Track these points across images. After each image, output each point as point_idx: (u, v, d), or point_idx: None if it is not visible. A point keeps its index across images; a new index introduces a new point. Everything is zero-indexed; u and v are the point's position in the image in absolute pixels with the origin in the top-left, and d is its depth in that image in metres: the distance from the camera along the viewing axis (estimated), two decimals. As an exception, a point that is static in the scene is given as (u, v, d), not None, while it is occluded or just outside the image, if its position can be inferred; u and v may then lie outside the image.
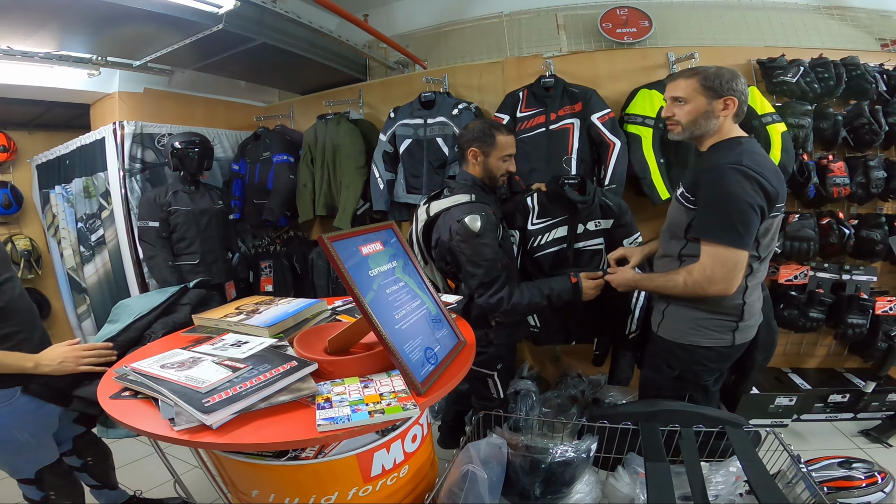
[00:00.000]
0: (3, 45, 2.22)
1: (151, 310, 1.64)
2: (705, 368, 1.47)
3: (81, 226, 2.88)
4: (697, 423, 1.31)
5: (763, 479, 1.10)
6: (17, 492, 1.63)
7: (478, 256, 1.59)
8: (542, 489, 1.27)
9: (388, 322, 0.96)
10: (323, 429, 0.86)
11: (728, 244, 1.27)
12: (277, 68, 2.83)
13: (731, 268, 1.28)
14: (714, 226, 1.29)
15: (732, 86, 1.30)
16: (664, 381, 1.53)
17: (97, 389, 1.14)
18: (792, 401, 2.29)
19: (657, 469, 1.20)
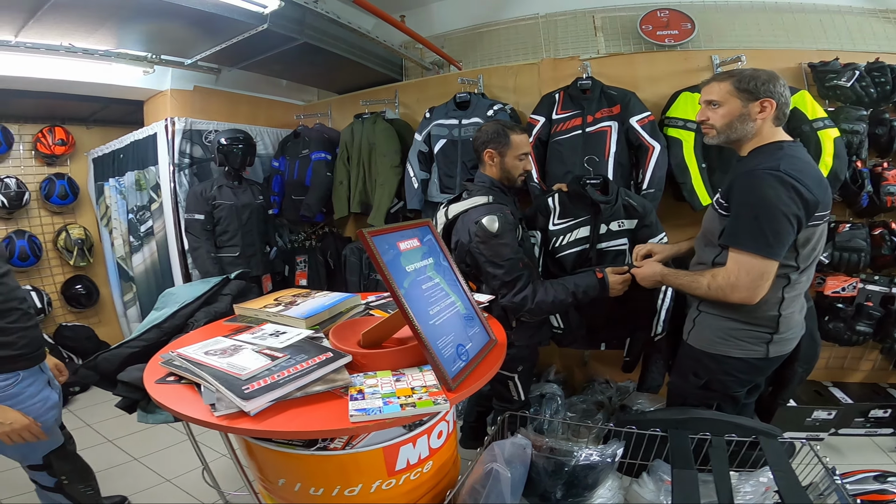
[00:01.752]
0: (66, 43, 2.36)
1: (195, 299, 1.73)
2: (734, 379, 1.43)
3: (132, 217, 3.04)
4: (730, 432, 1.28)
5: (795, 489, 1.07)
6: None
7: (497, 257, 1.60)
8: (564, 492, 1.26)
9: (422, 317, 0.98)
10: (355, 419, 0.88)
11: (755, 252, 1.22)
12: (317, 68, 2.91)
13: (757, 277, 1.23)
14: (743, 233, 1.25)
15: (769, 87, 1.26)
16: (690, 390, 1.51)
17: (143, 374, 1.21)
18: (831, 414, 2.22)
19: (685, 476, 1.17)
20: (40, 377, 1.49)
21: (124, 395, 1.57)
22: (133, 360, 1.58)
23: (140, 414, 1.65)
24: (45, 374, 1.53)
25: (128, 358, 1.58)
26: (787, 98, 1.29)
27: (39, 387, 1.47)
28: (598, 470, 1.26)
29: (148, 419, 1.68)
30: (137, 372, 1.48)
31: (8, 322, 1.41)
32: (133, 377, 1.51)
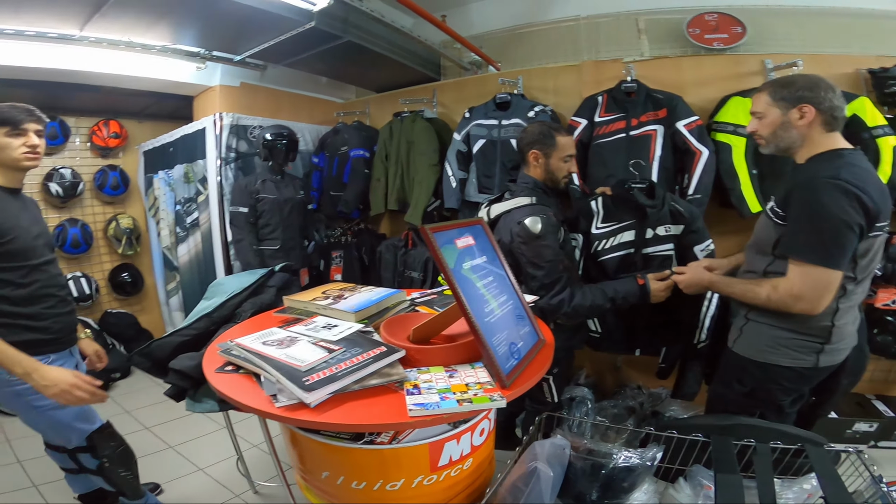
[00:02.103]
0: (126, 38, 2.47)
1: (243, 290, 1.78)
2: (780, 388, 1.41)
3: (179, 208, 3.16)
4: (776, 439, 1.27)
5: (842, 496, 1.07)
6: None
7: (538, 258, 1.61)
8: (600, 494, 1.25)
9: (478, 314, 0.99)
10: (414, 414, 0.90)
11: (819, 263, 1.21)
12: (358, 66, 2.97)
13: (822, 288, 1.23)
14: (804, 244, 1.24)
15: (806, 94, 1.25)
16: (733, 397, 1.49)
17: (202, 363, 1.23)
18: (872, 427, 2.19)
19: (728, 481, 1.17)
20: (69, 360, 1.56)
21: (175, 382, 1.58)
22: (184, 349, 1.62)
23: (188, 402, 1.65)
24: (74, 358, 1.60)
25: (179, 346, 1.62)
26: (833, 103, 1.26)
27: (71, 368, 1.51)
28: (636, 473, 1.25)
29: (195, 408, 1.66)
30: (188, 360, 1.53)
31: (44, 307, 1.49)
32: (184, 365, 1.53)
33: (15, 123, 1.42)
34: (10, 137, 1.42)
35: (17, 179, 1.51)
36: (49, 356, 1.47)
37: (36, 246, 1.48)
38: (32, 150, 1.45)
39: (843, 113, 1.29)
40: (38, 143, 1.48)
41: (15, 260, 1.41)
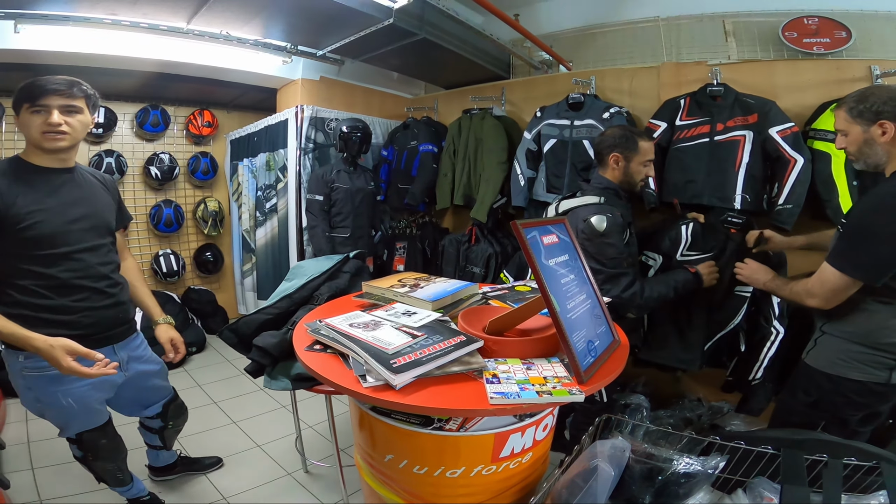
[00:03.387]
0: (224, 31, 2.66)
1: (321, 273, 1.89)
2: (847, 402, 1.39)
3: (260, 194, 3.39)
4: (850, 455, 1.24)
5: None
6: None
7: (601, 255, 1.66)
8: (653, 499, 1.24)
9: (562, 309, 1.02)
10: (495, 402, 0.94)
11: (838, 268, 1.27)
12: (430, 62, 3.04)
13: (831, 290, 1.30)
14: (838, 248, 1.28)
15: (885, 108, 1.21)
16: (797, 407, 1.48)
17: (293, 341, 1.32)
18: None
19: (796, 493, 1.16)
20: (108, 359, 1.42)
21: (256, 359, 1.66)
22: (266, 327, 1.72)
23: (265, 379, 1.71)
24: (116, 357, 1.49)
25: (262, 324, 1.72)
26: None
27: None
28: (694, 481, 1.23)
29: (271, 385, 1.72)
30: (270, 338, 1.62)
31: (74, 300, 1.36)
32: (266, 343, 1.62)
33: (33, 99, 1.25)
34: (31, 114, 1.27)
35: (61, 160, 1.36)
36: None
37: (70, 231, 1.34)
38: (52, 128, 1.27)
39: None
40: (58, 121, 1.28)
41: (38, 247, 1.28)
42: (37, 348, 1.23)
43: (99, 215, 1.45)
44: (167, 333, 1.65)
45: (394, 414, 1.19)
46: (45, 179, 1.33)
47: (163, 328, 1.65)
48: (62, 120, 1.29)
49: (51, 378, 1.37)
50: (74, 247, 1.35)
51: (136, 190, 3.61)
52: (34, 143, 1.31)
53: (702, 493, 1.27)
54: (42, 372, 1.36)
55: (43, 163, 1.34)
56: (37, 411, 1.49)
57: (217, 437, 2.40)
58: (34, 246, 1.29)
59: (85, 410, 1.49)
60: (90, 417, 1.52)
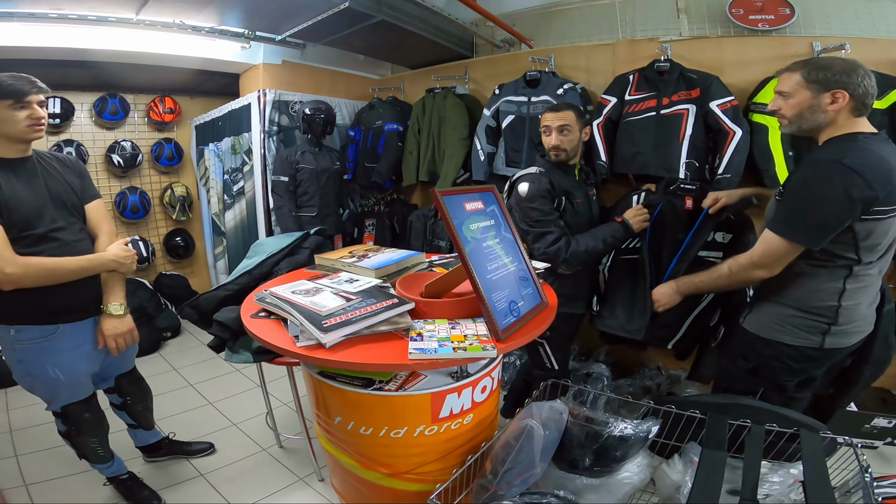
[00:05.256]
0: (178, 20, 2.65)
1: (280, 250, 1.93)
2: (784, 367, 1.41)
3: (227, 178, 3.40)
4: (772, 421, 1.28)
5: (820, 482, 1.07)
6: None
7: (527, 218, 1.77)
8: (592, 461, 1.29)
9: (480, 270, 1.09)
10: (413, 357, 1.02)
11: (782, 235, 1.27)
12: (392, 43, 3.05)
13: (777, 256, 1.29)
14: (781, 217, 1.28)
15: (842, 78, 1.22)
16: (737, 373, 1.51)
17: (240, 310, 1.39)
18: (891, 423, 2.06)
19: (713, 457, 1.20)
20: (87, 332, 1.54)
21: (217, 333, 1.73)
22: (227, 303, 1.76)
23: (227, 353, 1.79)
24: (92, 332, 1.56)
25: (223, 300, 1.77)
26: (866, 89, 1.23)
27: (81, 341, 1.52)
28: (629, 444, 1.28)
29: (232, 358, 1.80)
30: (230, 313, 1.67)
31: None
32: (226, 317, 1.67)
33: (19, 96, 1.37)
34: (15, 110, 1.37)
35: (22, 150, 1.45)
36: (59, 326, 1.46)
37: (43, 213, 1.43)
38: (37, 122, 1.41)
39: (873, 101, 1.26)
40: (42, 115, 1.43)
41: (16, 229, 1.37)
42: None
43: (65, 195, 1.52)
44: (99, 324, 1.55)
45: (338, 377, 1.26)
46: (11, 169, 1.41)
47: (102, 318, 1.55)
48: (44, 114, 1.43)
49: (41, 349, 1.45)
50: (50, 226, 1.43)
51: (98, 178, 3.57)
52: (16, 136, 1.40)
53: (640, 458, 1.34)
54: (32, 343, 1.44)
55: (7, 154, 1.41)
56: (27, 385, 1.56)
57: (194, 417, 2.46)
58: (17, 229, 1.37)
59: (72, 383, 1.55)
60: (76, 390, 1.58)
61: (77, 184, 1.57)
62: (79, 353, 1.53)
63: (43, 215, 1.43)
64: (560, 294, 1.86)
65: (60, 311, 1.46)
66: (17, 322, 1.43)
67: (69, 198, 1.52)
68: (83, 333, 1.53)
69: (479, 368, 1.29)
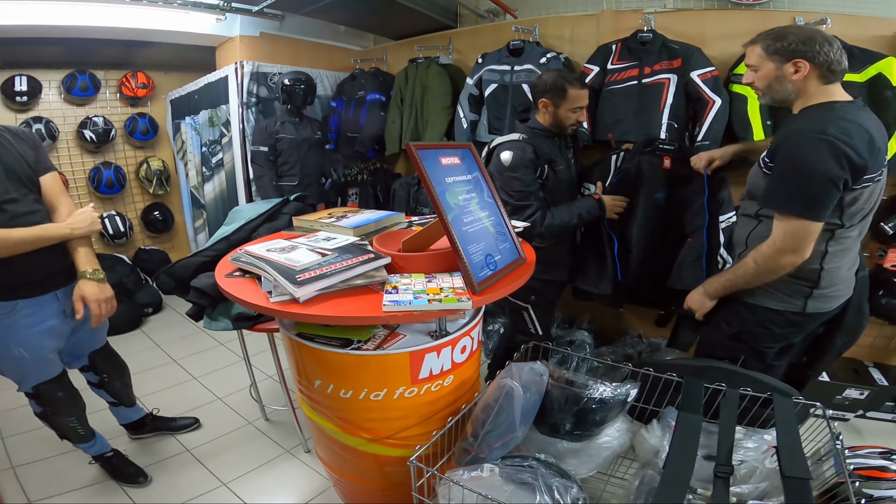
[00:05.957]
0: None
1: (259, 215, 1.90)
2: (767, 332, 1.42)
3: (205, 150, 3.33)
4: (746, 385, 1.28)
5: (792, 447, 1.07)
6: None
7: (508, 187, 1.76)
8: (573, 425, 1.29)
9: (456, 222, 1.08)
10: (387, 309, 1.01)
11: (800, 216, 1.23)
12: (373, 13, 3.01)
13: (802, 238, 1.25)
14: (787, 196, 1.25)
15: (801, 47, 1.23)
16: (720, 339, 1.51)
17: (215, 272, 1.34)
18: (863, 395, 2.12)
19: (688, 420, 1.20)
20: (49, 306, 1.48)
21: (195, 301, 1.69)
22: (204, 269, 1.72)
23: (205, 320, 1.76)
24: (59, 303, 1.52)
25: (200, 266, 1.73)
26: (829, 57, 1.23)
27: (42, 317, 1.47)
28: (607, 407, 1.28)
29: (211, 325, 1.78)
30: (207, 279, 1.64)
31: None
32: (203, 283, 1.64)
33: None
34: None
35: None
36: (17, 302, 1.41)
37: None
38: None
39: (842, 66, 1.26)
40: None
41: None
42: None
43: (18, 166, 1.44)
44: (79, 290, 1.46)
45: (316, 338, 1.24)
46: None
47: (79, 284, 1.47)
48: None
49: (3, 327, 1.40)
50: (2, 197, 1.36)
51: (71, 154, 3.50)
52: None
53: (619, 423, 1.34)
54: None
55: None
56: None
57: (178, 393, 2.45)
58: None
59: (38, 361, 1.51)
60: (44, 368, 1.55)
61: (31, 155, 1.49)
62: (41, 329, 1.47)
63: None
64: (543, 261, 1.87)
65: (18, 286, 1.40)
66: None
67: (22, 169, 1.45)
68: (45, 309, 1.48)
69: (458, 328, 1.28)
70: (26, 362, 1.49)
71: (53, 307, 1.50)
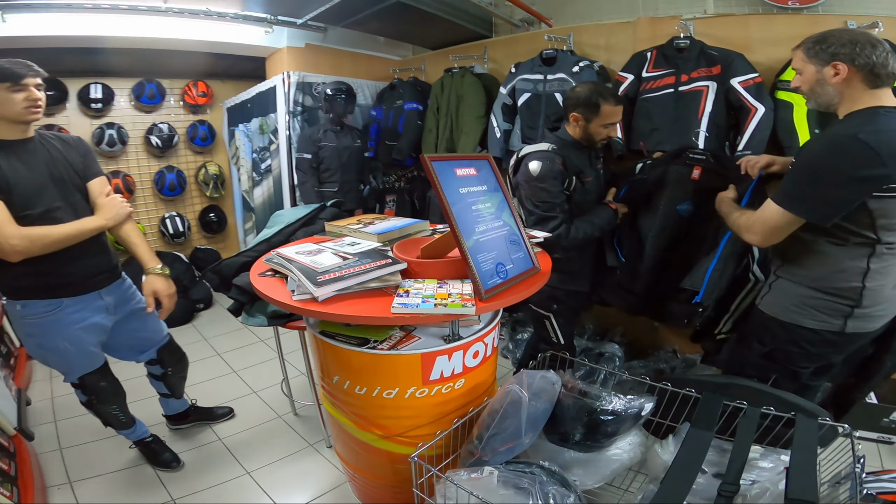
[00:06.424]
0: (204, 7, 2.80)
1: (297, 220, 2.03)
2: (802, 352, 1.36)
3: (255, 156, 3.57)
4: (769, 404, 1.23)
5: (805, 468, 1.02)
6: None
7: (534, 197, 1.74)
8: (583, 435, 1.28)
9: (468, 231, 1.13)
10: (395, 311, 1.07)
11: (780, 205, 1.24)
12: (409, 24, 3.12)
13: (771, 227, 1.27)
14: (787, 189, 1.25)
15: (840, 50, 1.19)
16: (751, 358, 1.46)
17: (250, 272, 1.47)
18: None
19: (698, 436, 1.17)
20: (91, 304, 1.60)
21: (235, 297, 1.84)
22: (246, 268, 1.83)
23: (243, 316, 1.90)
24: (102, 301, 1.64)
25: (242, 265, 1.86)
26: (872, 60, 1.18)
27: (85, 314, 1.59)
28: (619, 420, 1.27)
29: (248, 321, 1.92)
30: (247, 278, 1.72)
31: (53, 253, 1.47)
32: (244, 282, 1.76)
33: (16, 78, 1.40)
34: (12, 92, 1.40)
35: (22, 131, 1.48)
36: (62, 300, 1.52)
37: (42, 193, 1.47)
38: (34, 103, 1.44)
39: (890, 69, 1.20)
40: (39, 96, 1.46)
41: (16, 210, 1.41)
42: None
43: (66, 174, 1.55)
44: (151, 285, 1.63)
45: (337, 336, 1.33)
46: (12, 150, 1.45)
47: (150, 279, 1.64)
48: (41, 96, 1.47)
49: (47, 323, 1.53)
50: (47, 206, 1.47)
51: (139, 158, 3.83)
52: (13, 118, 1.43)
53: (633, 436, 1.32)
54: (38, 317, 1.52)
55: (8, 136, 1.46)
56: (41, 358, 1.67)
57: (217, 385, 2.62)
58: (16, 209, 1.41)
59: (81, 353, 1.63)
60: (88, 360, 1.67)
61: (79, 162, 1.60)
62: (85, 324, 1.59)
63: (42, 195, 1.47)
64: (566, 271, 1.89)
65: (63, 286, 1.52)
66: (21, 297, 1.50)
67: (70, 177, 1.55)
68: (88, 306, 1.60)
69: (472, 333, 1.32)
70: (71, 355, 1.61)
71: (96, 305, 1.62)
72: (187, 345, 2.10)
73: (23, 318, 1.54)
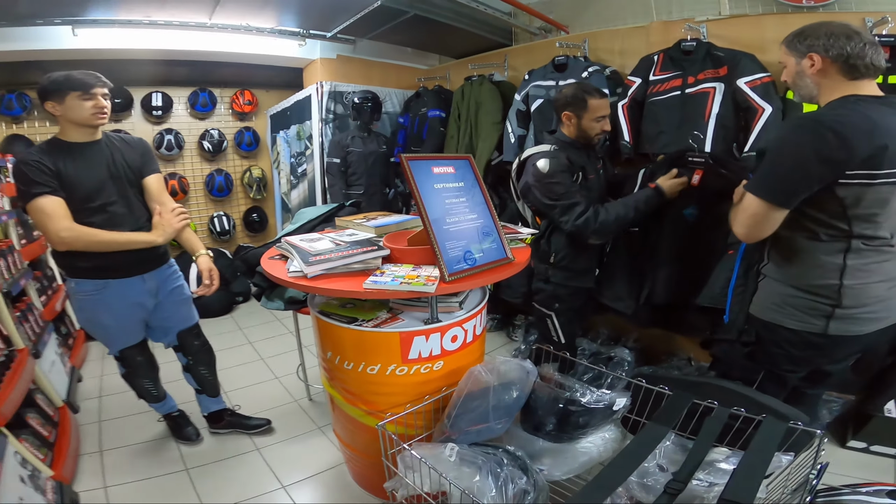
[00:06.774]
0: (244, 23, 3.12)
1: (317, 216, 2.25)
2: (784, 354, 1.31)
3: (293, 161, 3.87)
4: (738, 405, 1.19)
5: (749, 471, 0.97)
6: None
7: (551, 193, 1.80)
8: (555, 426, 1.30)
9: (438, 220, 1.26)
10: (366, 286, 1.23)
11: (755, 193, 1.22)
12: (430, 35, 3.31)
13: (750, 217, 1.23)
14: (756, 176, 1.24)
15: (814, 42, 1.21)
16: (734, 359, 1.46)
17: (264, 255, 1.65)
18: None
19: (652, 430, 1.15)
20: (135, 286, 1.75)
21: (257, 283, 2.08)
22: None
23: (263, 300, 2.13)
24: (145, 284, 1.79)
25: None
26: (846, 51, 1.17)
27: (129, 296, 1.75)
28: (590, 412, 1.28)
29: (267, 305, 2.15)
30: None
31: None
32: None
33: (86, 88, 1.56)
34: (82, 100, 1.56)
35: (90, 134, 1.66)
36: (108, 281, 1.70)
37: (101, 189, 1.64)
38: (100, 110, 1.60)
39: (867, 61, 1.19)
40: (105, 104, 1.62)
41: (80, 203, 1.59)
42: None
43: (123, 172, 1.72)
44: (207, 263, 1.80)
45: (332, 315, 1.50)
46: (80, 151, 1.64)
47: (203, 259, 1.81)
48: (107, 104, 1.65)
49: (95, 300, 1.71)
50: (104, 200, 1.65)
51: (193, 161, 4.24)
52: (82, 122, 1.61)
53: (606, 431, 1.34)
54: (87, 295, 1.71)
55: (78, 139, 1.64)
56: (89, 329, 1.88)
57: (245, 370, 2.84)
58: (78, 202, 1.59)
59: (123, 329, 1.82)
60: (128, 336, 1.84)
61: (137, 161, 1.77)
62: (127, 303, 1.76)
63: (101, 191, 1.64)
64: (571, 269, 1.97)
65: (110, 269, 1.68)
66: (76, 275, 1.69)
67: (126, 174, 1.73)
68: (132, 289, 1.76)
69: (451, 318, 1.43)
70: (114, 330, 1.80)
71: (140, 287, 1.78)
72: (223, 333, 2.32)
73: (75, 294, 1.75)
